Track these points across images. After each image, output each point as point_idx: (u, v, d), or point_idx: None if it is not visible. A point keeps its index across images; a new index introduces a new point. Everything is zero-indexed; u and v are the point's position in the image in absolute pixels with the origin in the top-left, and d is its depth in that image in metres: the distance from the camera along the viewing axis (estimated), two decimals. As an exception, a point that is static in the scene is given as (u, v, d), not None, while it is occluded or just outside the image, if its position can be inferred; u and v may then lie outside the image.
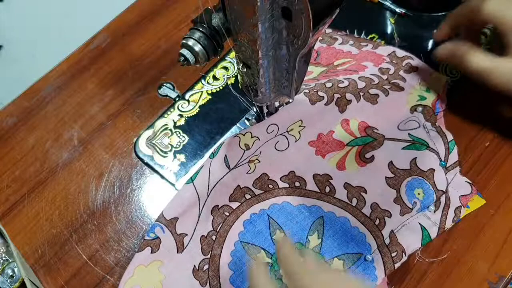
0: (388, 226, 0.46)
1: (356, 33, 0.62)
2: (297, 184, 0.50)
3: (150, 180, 0.55)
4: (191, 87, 0.61)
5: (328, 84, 0.52)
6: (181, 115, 0.59)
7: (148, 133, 0.57)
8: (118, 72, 0.63)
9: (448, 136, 0.51)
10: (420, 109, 0.52)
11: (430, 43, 0.61)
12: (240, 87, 0.46)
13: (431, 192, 0.48)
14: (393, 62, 0.56)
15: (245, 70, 0.42)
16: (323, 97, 0.51)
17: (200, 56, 0.39)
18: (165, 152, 0.56)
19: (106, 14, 0.69)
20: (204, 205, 0.48)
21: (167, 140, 0.57)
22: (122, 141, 0.58)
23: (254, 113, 0.56)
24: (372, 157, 0.50)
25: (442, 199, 0.48)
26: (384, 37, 0.62)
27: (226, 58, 0.62)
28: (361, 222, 0.47)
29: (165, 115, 0.59)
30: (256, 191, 0.50)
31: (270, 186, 0.50)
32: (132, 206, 0.53)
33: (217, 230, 0.48)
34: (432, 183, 0.48)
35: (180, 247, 0.47)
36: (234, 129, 0.57)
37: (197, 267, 0.46)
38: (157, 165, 0.55)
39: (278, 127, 0.50)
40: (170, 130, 0.58)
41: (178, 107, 0.59)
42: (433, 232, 0.46)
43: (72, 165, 0.57)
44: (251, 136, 0.49)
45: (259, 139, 0.50)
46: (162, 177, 0.55)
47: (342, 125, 0.52)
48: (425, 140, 0.50)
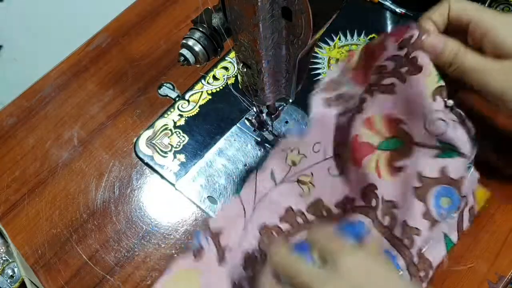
0: (416, 244, 0.43)
1: (356, 33, 0.62)
2: (348, 206, 0.47)
3: (150, 180, 0.55)
4: (191, 87, 0.61)
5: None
6: (181, 115, 0.59)
7: (148, 133, 0.57)
8: (118, 72, 0.63)
9: (470, 127, 0.44)
10: (444, 93, 0.43)
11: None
12: (240, 87, 0.46)
13: (458, 200, 0.44)
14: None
15: (245, 70, 0.42)
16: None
17: (200, 56, 0.39)
18: (165, 152, 0.56)
19: (106, 14, 0.69)
20: (250, 219, 0.47)
21: (167, 140, 0.57)
22: (122, 141, 0.58)
23: (254, 113, 0.56)
24: (403, 167, 0.45)
25: (463, 203, 0.45)
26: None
27: (226, 58, 0.62)
28: (392, 244, 0.43)
29: (165, 115, 0.59)
30: (309, 217, 0.48)
31: (324, 213, 0.48)
32: (132, 206, 0.53)
33: (263, 250, 0.46)
34: (459, 191, 0.44)
35: (222, 260, 0.46)
36: (234, 129, 0.57)
37: (236, 283, 0.45)
38: (157, 165, 0.55)
39: (323, 147, 0.48)
40: (170, 130, 0.58)
41: (178, 107, 0.59)
42: (454, 237, 0.45)
43: (72, 165, 0.57)
44: (298, 153, 0.48)
45: (306, 157, 0.48)
46: (162, 177, 0.55)
47: (365, 125, 0.47)
48: (454, 144, 0.44)
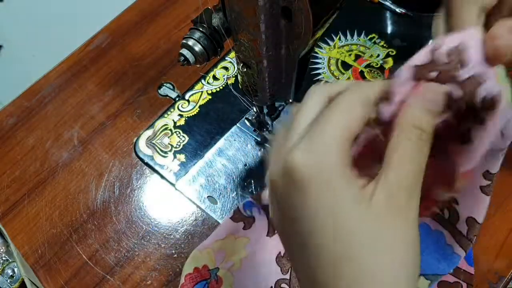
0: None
1: (356, 33, 0.62)
2: None
3: (150, 180, 0.55)
4: (191, 87, 0.61)
5: None
6: (181, 115, 0.59)
7: (148, 133, 0.57)
8: (118, 72, 0.63)
9: None
10: None
11: (430, 43, 0.61)
12: (240, 87, 0.46)
13: None
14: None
15: (245, 70, 0.42)
16: None
17: (200, 56, 0.39)
18: (165, 152, 0.56)
19: (106, 14, 0.69)
20: None
21: (167, 140, 0.57)
22: (122, 141, 0.58)
23: (254, 113, 0.56)
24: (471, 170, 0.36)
25: None
26: (384, 37, 0.62)
27: (226, 58, 0.62)
28: (457, 241, 0.40)
29: (165, 115, 0.59)
30: None
31: None
32: (132, 206, 0.53)
33: None
34: None
35: (271, 231, 0.47)
36: (234, 129, 0.57)
37: (281, 254, 0.46)
38: (157, 165, 0.55)
39: None
40: (170, 130, 0.58)
41: (178, 107, 0.59)
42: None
43: (72, 165, 0.57)
44: None
45: None
46: (162, 177, 0.55)
47: None
48: None
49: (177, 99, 0.60)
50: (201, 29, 0.38)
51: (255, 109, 0.52)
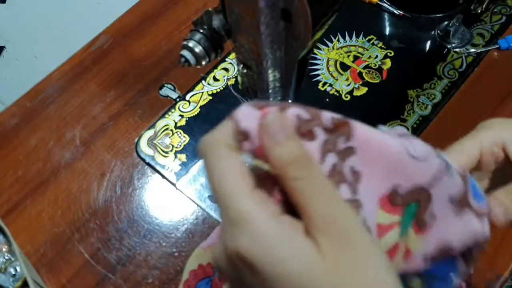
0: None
1: (354, 35, 0.63)
2: None
3: (151, 180, 0.56)
4: (192, 88, 0.61)
5: None
6: (182, 116, 0.59)
7: (150, 133, 0.58)
8: (119, 73, 0.64)
9: None
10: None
11: (428, 44, 0.61)
12: (240, 88, 0.46)
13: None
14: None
15: (245, 71, 0.42)
16: None
17: (201, 57, 0.39)
18: (166, 152, 0.56)
19: (108, 15, 0.70)
20: None
21: (168, 140, 0.57)
22: (124, 141, 0.58)
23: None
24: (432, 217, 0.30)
25: None
26: (382, 38, 0.62)
27: (226, 59, 0.63)
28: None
29: (166, 116, 0.59)
30: None
31: None
32: (134, 205, 0.54)
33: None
34: None
35: None
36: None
37: None
38: (158, 165, 0.56)
39: None
40: (171, 130, 0.58)
41: (179, 107, 0.60)
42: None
43: (74, 165, 0.57)
44: None
45: None
46: (163, 177, 0.55)
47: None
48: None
49: (178, 99, 0.60)
50: (201, 31, 0.39)
51: (255, 110, 0.52)
